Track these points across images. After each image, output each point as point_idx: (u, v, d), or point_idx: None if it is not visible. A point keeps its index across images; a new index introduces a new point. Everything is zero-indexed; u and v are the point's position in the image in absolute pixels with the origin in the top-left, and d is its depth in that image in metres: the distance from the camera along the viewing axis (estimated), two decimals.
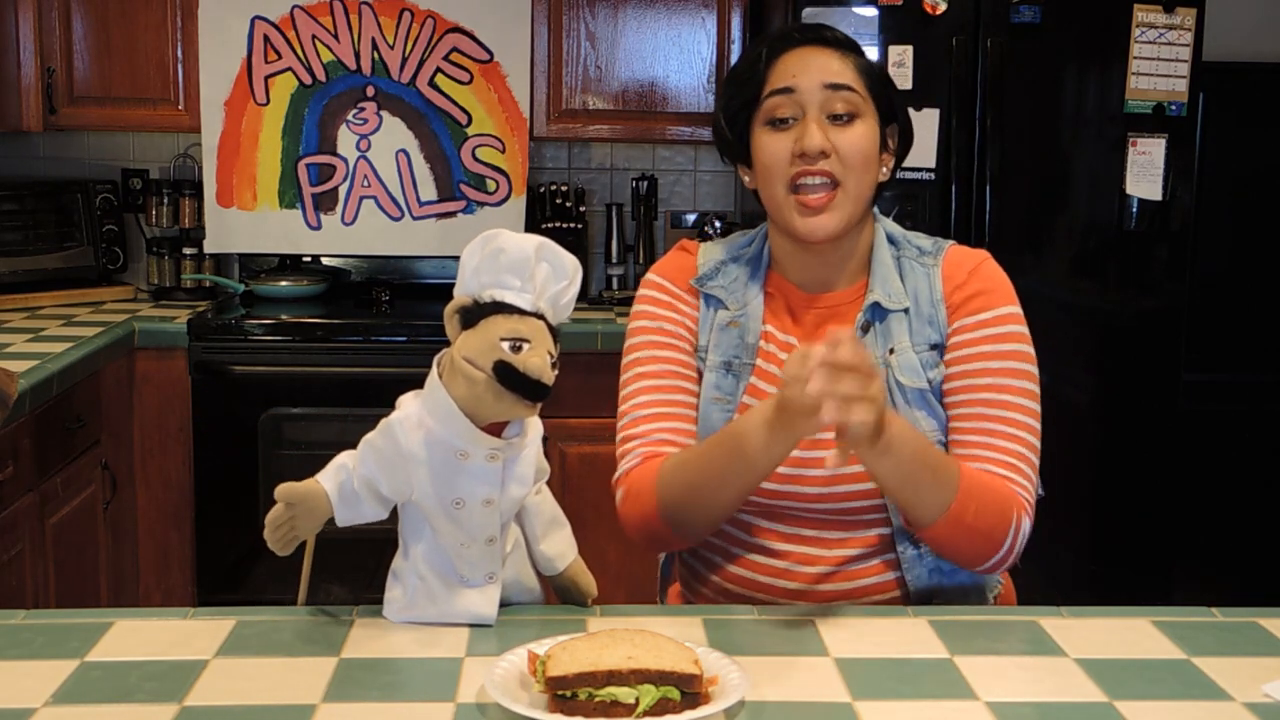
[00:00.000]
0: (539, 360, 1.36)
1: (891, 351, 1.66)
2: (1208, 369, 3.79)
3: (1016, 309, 1.67)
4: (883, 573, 1.67)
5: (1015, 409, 1.62)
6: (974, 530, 1.55)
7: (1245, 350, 3.88)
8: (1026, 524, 1.60)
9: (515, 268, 1.39)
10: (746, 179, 1.73)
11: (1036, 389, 1.65)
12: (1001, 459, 1.60)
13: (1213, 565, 3.81)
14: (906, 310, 1.67)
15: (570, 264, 1.44)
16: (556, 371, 1.40)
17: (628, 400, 1.71)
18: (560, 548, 1.53)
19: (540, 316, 1.40)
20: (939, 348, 1.66)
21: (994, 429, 1.61)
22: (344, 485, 1.43)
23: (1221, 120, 3.73)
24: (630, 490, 1.65)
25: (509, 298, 1.39)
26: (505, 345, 1.36)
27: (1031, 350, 1.66)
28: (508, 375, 1.35)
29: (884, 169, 1.70)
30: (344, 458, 1.45)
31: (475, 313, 1.39)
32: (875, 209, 1.75)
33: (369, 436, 1.43)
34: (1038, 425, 1.64)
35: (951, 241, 1.74)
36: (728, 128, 1.72)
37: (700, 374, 1.71)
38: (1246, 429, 3.87)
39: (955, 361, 1.65)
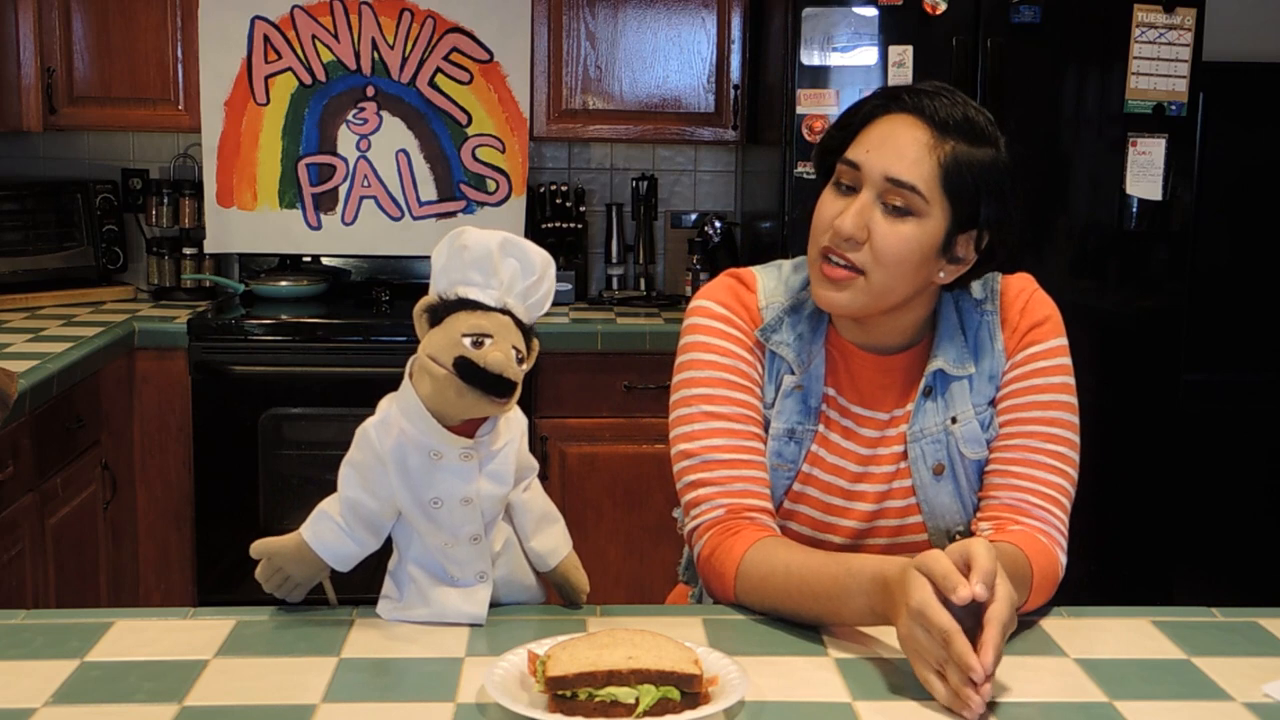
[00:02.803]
0: (499, 355, 1.34)
1: (954, 420, 1.63)
2: (1208, 369, 3.78)
3: (1064, 340, 1.66)
4: None
5: (1059, 441, 1.62)
6: (1036, 603, 1.53)
7: (1245, 350, 3.88)
8: (1063, 565, 1.59)
9: (478, 264, 1.38)
10: None
11: (1078, 420, 1.64)
12: (1041, 490, 1.60)
13: (1213, 565, 3.81)
14: (971, 375, 1.64)
15: (539, 259, 1.42)
16: (526, 368, 1.39)
17: (697, 439, 1.62)
18: (552, 544, 1.52)
19: (507, 312, 1.39)
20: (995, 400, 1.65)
21: (1038, 460, 1.61)
22: (321, 525, 1.43)
23: (1221, 120, 3.73)
24: (714, 564, 1.57)
25: (472, 294, 1.38)
26: (467, 341, 1.35)
27: (1074, 381, 1.65)
28: (468, 370, 1.34)
29: (941, 274, 1.59)
30: (323, 504, 1.45)
31: (441, 310, 1.39)
32: None
33: (345, 457, 1.44)
34: (1077, 457, 1.63)
35: (996, 275, 1.69)
36: (816, 164, 1.66)
37: (767, 422, 1.66)
38: (1246, 429, 3.87)
39: (1006, 396, 1.64)
